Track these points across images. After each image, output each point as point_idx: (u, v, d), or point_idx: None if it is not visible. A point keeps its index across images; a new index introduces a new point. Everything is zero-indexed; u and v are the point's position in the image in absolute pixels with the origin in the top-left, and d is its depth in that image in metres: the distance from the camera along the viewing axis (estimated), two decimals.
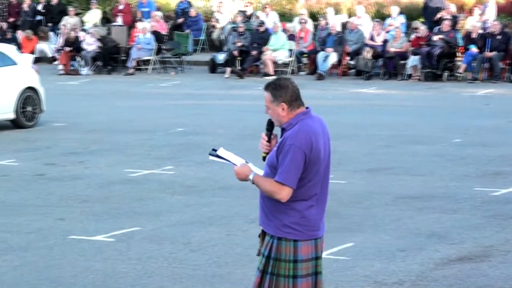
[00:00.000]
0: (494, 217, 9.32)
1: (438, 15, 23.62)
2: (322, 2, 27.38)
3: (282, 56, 23.81)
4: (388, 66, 22.91)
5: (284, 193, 4.95)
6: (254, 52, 23.70)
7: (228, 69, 23.90)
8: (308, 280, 5.03)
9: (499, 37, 21.90)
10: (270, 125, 5.20)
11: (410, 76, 22.59)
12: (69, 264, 7.90)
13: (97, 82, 23.20)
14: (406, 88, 21.32)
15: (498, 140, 13.98)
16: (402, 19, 24.70)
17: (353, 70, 23.70)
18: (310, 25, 25.06)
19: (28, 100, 16.13)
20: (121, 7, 27.39)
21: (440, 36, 22.30)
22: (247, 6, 27.10)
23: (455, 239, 8.54)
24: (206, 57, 25.67)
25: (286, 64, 23.92)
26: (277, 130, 5.24)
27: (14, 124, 15.98)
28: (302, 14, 25.50)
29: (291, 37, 24.34)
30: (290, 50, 23.91)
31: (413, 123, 16.08)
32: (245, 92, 21.15)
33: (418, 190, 10.66)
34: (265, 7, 26.64)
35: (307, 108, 5.11)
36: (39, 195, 10.67)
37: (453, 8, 24.35)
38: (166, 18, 27.39)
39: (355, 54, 23.32)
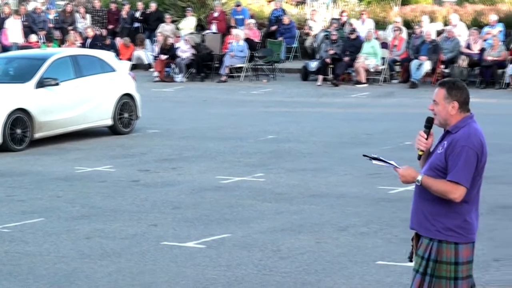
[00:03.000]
0: None
1: None
2: (417, 10, 27.11)
3: (373, 63, 23.66)
4: (485, 75, 22.52)
5: (459, 193, 5.05)
6: (346, 59, 23.62)
7: (320, 77, 23.89)
8: (467, 282, 5.17)
9: None
10: (429, 122, 5.26)
11: (508, 85, 22.16)
12: (161, 270, 8.05)
13: (191, 89, 23.51)
14: (504, 97, 20.92)
15: None
16: (500, 27, 24.25)
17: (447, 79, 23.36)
18: (404, 33, 24.84)
19: (125, 107, 16.46)
20: (216, 14, 27.70)
21: None
22: (342, 15, 27.04)
23: None
24: (298, 64, 25.72)
25: (378, 72, 23.78)
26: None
27: (111, 130, 16.33)
28: (396, 22, 25.30)
29: (384, 45, 24.18)
30: (383, 58, 23.75)
31: (511, 132, 15.77)
32: (336, 100, 21.12)
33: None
34: (362, 14, 26.53)
35: (471, 113, 5.25)
36: (133, 201, 10.89)
37: None
38: (260, 25, 27.56)
39: (450, 62, 23.01)
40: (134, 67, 25.77)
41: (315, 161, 13.33)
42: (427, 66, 23.01)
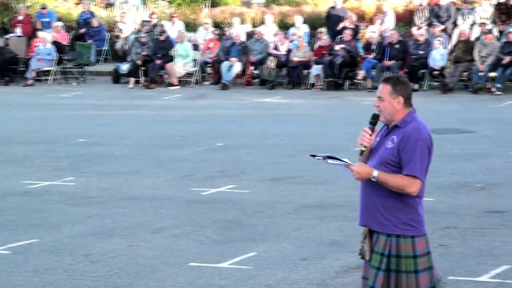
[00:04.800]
0: None
1: (340, 25, 23.93)
2: (226, 12, 27.44)
3: (187, 66, 23.73)
4: (292, 75, 23.08)
5: (416, 187, 5.08)
6: (158, 61, 23.56)
7: (132, 79, 23.70)
8: (427, 273, 5.15)
9: (397, 46, 22.31)
10: (375, 119, 5.24)
11: (313, 85, 22.81)
12: None
13: None
14: (309, 97, 21.51)
15: None
16: (305, 28, 24.93)
17: (257, 80, 23.80)
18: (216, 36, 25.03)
19: None
20: (20, 17, 26.86)
21: (342, 46, 22.60)
22: (152, 17, 26.92)
23: (356, 247, 8.47)
24: (109, 67, 25.38)
25: (190, 74, 23.86)
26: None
27: None
28: (206, 24, 25.48)
29: (195, 47, 24.31)
30: (195, 60, 23.86)
31: (315, 132, 16.22)
32: (149, 102, 21.01)
33: (320, 198, 10.74)
34: (172, 16, 26.52)
35: (414, 109, 5.25)
36: None
37: (354, 18, 24.70)
38: (68, 28, 27.00)
39: (259, 63, 23.43)
40: None
41: (127, 164, 13.17)
42: (237, 67, 23.32)
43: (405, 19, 25.19)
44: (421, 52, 22.01)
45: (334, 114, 18.82)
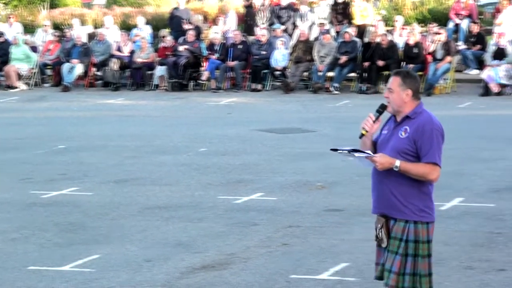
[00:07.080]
0: (236, 224, 9.47)
1: (184, 26, 23.92)
2: (66, 13, 26.90)
3: (26, 67, 23.11)
4: (135, 76, 22.88)
5: (436, 174, 5.35)
6: None
7: None
8: (431, 259, 5.46)
9: (240, 46, 22.51)
10: (382, 108, 5.48)
11: (157, 86, 22.69)
12: None
13: None
14: (153, 98, 21.38)
15: (239, 148, 14.29)
16: (148, 29, 24.77)
17: (100, 81, 23.46)
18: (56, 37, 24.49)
19: None
20: None
21: (186, 46, 22.59)
22: None
23: (200, 247, 8.59)
24: None
25: (29, 76, 23.24)
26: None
27: None
28: (45, 25, 24.89)
29: (34, 48, 23.70)
30: (34, 61, 23.26)
31: (160, 133, 16.13)
32: None
33: (165, 200, 10.66)
34: (9, 17, 25.74)
35: (421, 101, 5.47)
36: None
37: (198, 18, 24.73)
38: None
39: (102, 65, 23.09)
40: None
41: None
42: (79, 69, 22.91)
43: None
44: (263, 52, 22.29)
45: (179, 115, 18.79)
